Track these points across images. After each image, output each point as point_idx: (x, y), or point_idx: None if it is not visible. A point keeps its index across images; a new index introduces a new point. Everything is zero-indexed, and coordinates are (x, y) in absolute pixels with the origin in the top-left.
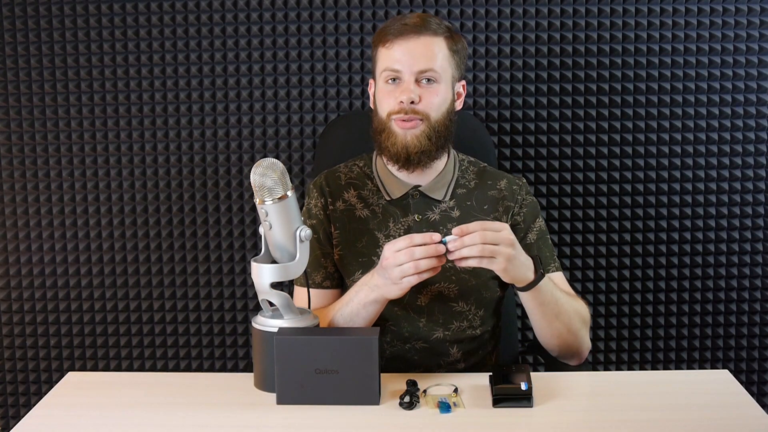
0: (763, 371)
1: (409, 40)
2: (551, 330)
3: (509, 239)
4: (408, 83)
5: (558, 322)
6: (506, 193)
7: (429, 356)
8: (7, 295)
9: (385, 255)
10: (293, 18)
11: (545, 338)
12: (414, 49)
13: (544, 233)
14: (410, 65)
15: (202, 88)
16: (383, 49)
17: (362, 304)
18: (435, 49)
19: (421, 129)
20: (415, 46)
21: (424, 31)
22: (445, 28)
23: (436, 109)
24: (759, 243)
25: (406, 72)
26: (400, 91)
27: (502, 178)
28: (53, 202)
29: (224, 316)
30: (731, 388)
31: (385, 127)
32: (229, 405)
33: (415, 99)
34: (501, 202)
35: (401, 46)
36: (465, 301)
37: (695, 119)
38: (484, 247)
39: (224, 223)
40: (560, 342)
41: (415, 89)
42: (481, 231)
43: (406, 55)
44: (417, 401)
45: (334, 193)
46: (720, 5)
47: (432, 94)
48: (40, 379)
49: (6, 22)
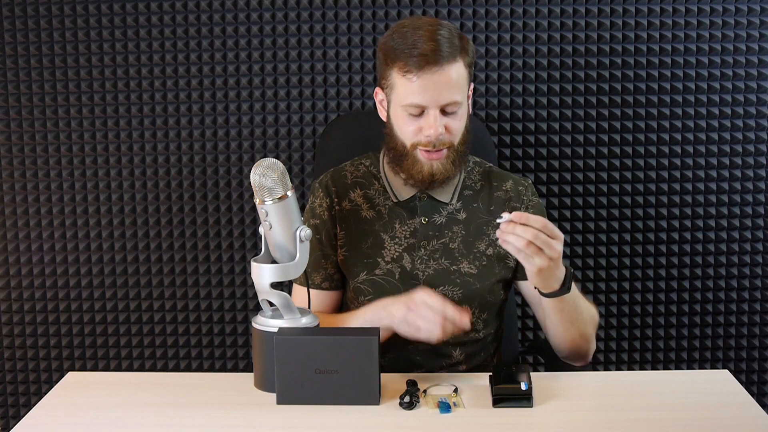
0: (763, 371)
1: (432, 74)
2: (565, 334)
3: (557, 251)
4: (433, 117)
5: (573, 327)
6: (512, 195)
7: (431, 357)
8: (7, 295)
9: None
10: (293, 18)
11: (557, 340)
12: (438, 83)
13: None
14: (435, 101)
15: (202, 88)
16: (402, 79)
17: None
18: (455, 77)
19: (446, 155)
20: (438, 79)
21: (443, 61)
22: (457, 44)
23: (459, 132)
24: (759, 243)
25: (431, 107)
26: (427, 126)
27: (508, 179)
28: (53, 202)
29: (224, 316)
30: (731, 388)
31: (409, 155)
32: (229, 405)
33: (442, 131)
34: (507, 203)
35: (423, 80)
36: (469, 304)
37: (695, 119)
38: (530, 244)
39: (224, 223)
40: (572, 346)
41: (440, 121)
42: (538, 231)
43: (430, 90)
44: (417, 401)
45: (340, 193)
46: (720, 5)
47: (455, 120)
48: (40, 379)
49: (6, 22)
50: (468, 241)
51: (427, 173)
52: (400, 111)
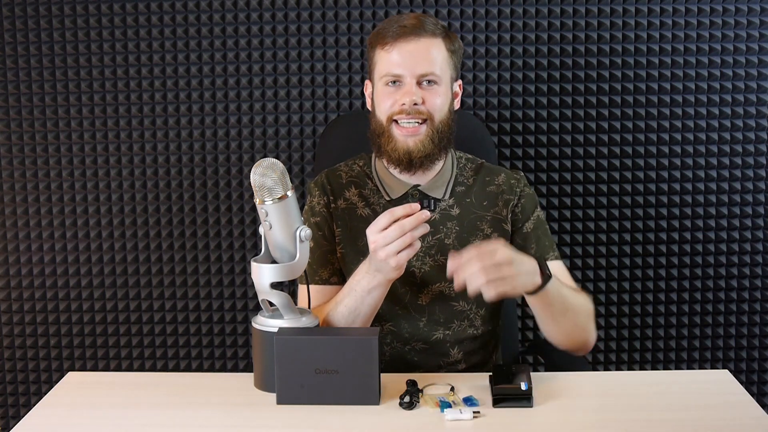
0: (763, 371)
1: (409, 43)
2: (558, 327)
3: (506, 258)
4: (410, 86)
5: (565, 319)
6: (505, 187)
7: (429, 357)
8: (7, 295)
9: (371, 239)
10: (293, 18)
11: (552, 334)
12: (414, 52)
13: (543, 223)
14: (411, 69)
15: (202, 88)
16: (381, 52)
17: (366, 290)
18: (434, 51)
19: (425, 132)
20: (415, 48)
21: (423, 33)
22: (441, 28)
23: (440, 110)
24: (759, 243)
25: (407, 75)
26: (402, 94)
27: (500, 172)
28: (53, 202)
29: (224, 316)
30: (731, 388)
31: (384, 131)
32: (229, 405)
33: (418, 101)
34: (500, 196)
35: (401, 49)
36: (466, 300)
37: (695, 119)
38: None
39: (224, 223)
40: (567, 337)
41: (417, 91)
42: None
43: (407, 59)
44: (417, 401)
45: (335, 192)
46: (720, 5)
47: (434, 95)
48: (40, 379)
49: (6, 22)
50: (462, 237)
51: (402, 150)
52: (380, 86)
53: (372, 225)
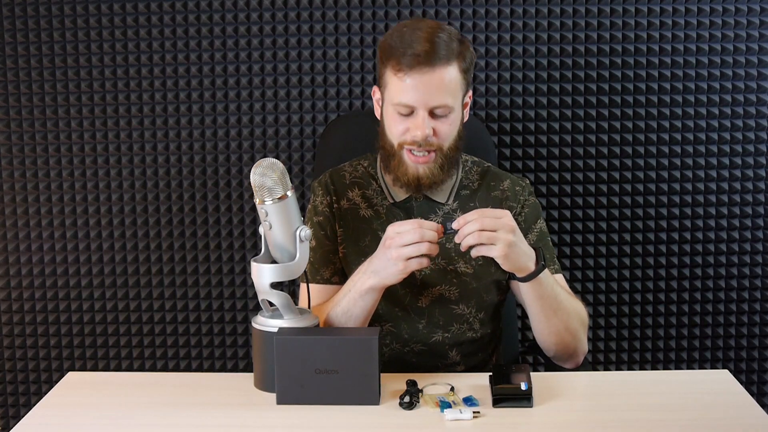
0: (763, 371)
1: (423, 75)
2: (549, 326)
3: (509, 225)
4: (422, 119)
5: (556, 318)
6: (509, 194)
7: (427, 359)
8: (7, 295)
9: (388, 235)
10: (293, 18)
11: (542, 335)
12: (428, 84)
13: (545, 235)
14: (425, 102)
15: (202, 88)
16: (394, 78)
17: (359, 293)
18: (447, 79)
19: (434, 160)
20: (429, 80)
21: (437, 62)
22: (455, 47)
23: (449, 137)
24: (759, 243)
25: (420, 108)
26: (414, 126)
27: (506, 178)
28: (53, 202)
29: (224, 316)
30: (731, 388)
31: (395, 154)
32: (229, 405)
33: (430, 133)
34: (504, 202)
35: (414, 80)
36: (466, 303)
37: (695, 119)
38: (482, 233)
39: (224, 223)
40: (557, 340)
41: (428, 123)
42: (480, 218)
43: (420, 91)
44: (417, 401)
45: (338, 192)
46: (720, 5)
47: (445, 124)
48: (40, 379)
49: (6, 22)
50: None
51: (412, 176)
52: (390, 109)
53: (396, 224)
